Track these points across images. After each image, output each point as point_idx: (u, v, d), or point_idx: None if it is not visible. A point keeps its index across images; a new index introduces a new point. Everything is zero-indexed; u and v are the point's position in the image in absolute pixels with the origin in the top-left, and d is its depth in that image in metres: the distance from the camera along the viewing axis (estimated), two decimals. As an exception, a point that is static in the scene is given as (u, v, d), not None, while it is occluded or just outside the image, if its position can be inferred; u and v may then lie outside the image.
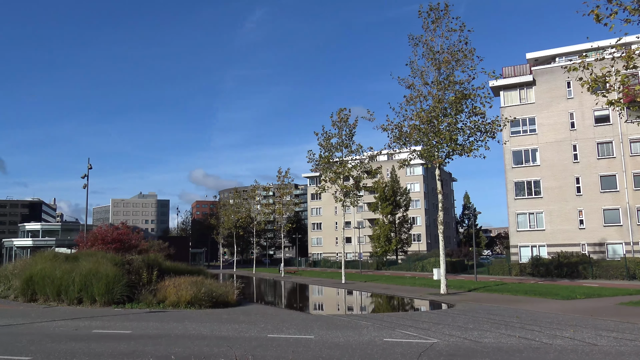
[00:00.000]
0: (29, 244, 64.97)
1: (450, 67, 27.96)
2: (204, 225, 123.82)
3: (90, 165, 38.21)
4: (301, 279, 50.11)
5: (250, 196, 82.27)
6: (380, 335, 13.51)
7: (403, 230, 76.48)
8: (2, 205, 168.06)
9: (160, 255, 30.59)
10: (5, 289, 24.30)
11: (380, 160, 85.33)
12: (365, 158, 42.87)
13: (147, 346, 11.78)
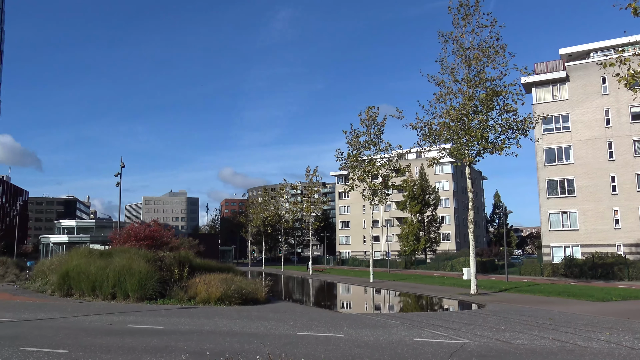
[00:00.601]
0: (65, 240, 66.75)
1: (481, 64, 27.54)
2: (232, 223, 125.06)
3: (123, 163, 39.01)
4: (329, 277, 50.16)
5: (278, 194, 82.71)
6: (410, 334, 13.43)
7: (432, 229, 75.76)
8: (39, 203, 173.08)
9: (191, 252, 31.03)
10: (43, 283, 25.05)
11: (408, 159, 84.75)
12: (393, 156, 42.64)
13: (179, 342, 11.97)
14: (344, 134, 40.64)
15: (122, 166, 39.10)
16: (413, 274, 54.30)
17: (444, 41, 28.62)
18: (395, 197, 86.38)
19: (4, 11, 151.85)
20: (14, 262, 39.37)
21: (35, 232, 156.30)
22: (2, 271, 34.87)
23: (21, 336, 12.68)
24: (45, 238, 72.74)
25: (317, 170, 59.42)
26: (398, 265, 71.19)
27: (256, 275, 54.52)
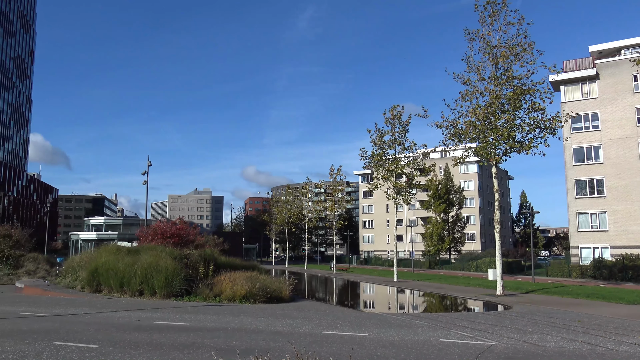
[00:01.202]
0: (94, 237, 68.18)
1: (508, 62, 27.15)
2: (256, 222, 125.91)
3: (150, 162, 39.62)
4: (353, 277, 50.11)
5: (302, 193, 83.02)
6: (435, 335, 13.34)
7: (456, 229, 75.05)
8: (68, 200, 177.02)
9: (216, 250, 31.38)
10: (73, 279, 25.62)
11: (433, 158, 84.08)
12: (418, 155, 42.35)
13: (205, 338, 12.12)
14: (368, 132, 40.59)
15: (149, 165, 39.72)
16: (437, 274, 53.88)
17: (471, 39, 28.31)
18: (420, 196, 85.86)
19: (35, 13, 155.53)
20: (44, 258, 40.29)
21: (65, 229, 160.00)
22: (34, 267, 35.75)
23: (53, 331, 13.01)
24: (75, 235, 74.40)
25: (340, 169, 59.31)
26: (422, 265, 70.71)
27: (280, 273, 54.78)
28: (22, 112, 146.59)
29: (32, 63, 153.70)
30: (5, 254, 36.33)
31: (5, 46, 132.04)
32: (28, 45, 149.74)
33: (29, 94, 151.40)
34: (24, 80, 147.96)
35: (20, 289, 25.88)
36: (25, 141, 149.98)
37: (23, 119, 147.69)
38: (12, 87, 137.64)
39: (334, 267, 61.69)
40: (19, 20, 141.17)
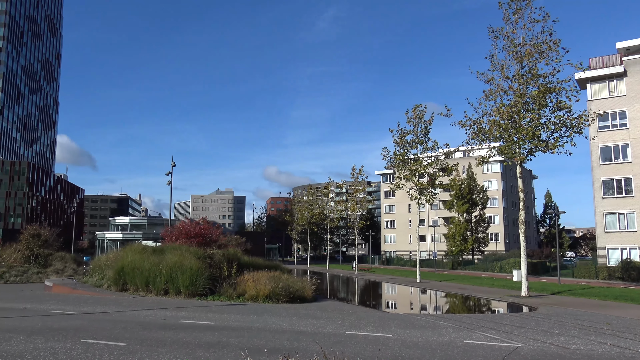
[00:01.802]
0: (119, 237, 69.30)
1: (533, 60, 26.77)
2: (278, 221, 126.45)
3: (173, 163, 40.11)
4: (375, 277, 49.98)
5: (323, 193, 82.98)
6: (460, 336, 13.24)
7: (480, 229, 74.25)
8: (94, 200, 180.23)
9: (239, 250, 31.60)
10: (100, 278, 26.08)
11: (456, 157, 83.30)
12: (440, 155, 42.04)
13: (230, 337, 12.24)
14: (390, 132, 40.44)
15: (172, 165, 40.22)
16: (460, 274, 53.38)
17: (494, 37, 28.01)
18: (442, 196, 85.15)
19: (62, 17, 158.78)
20: (71, 257, 41.13)
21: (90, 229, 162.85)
22: (62, 266, 36.54)
23: (82, 328, 13.28)
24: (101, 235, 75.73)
25: (362, 169, 59.16)
26: (445, 266, 70.13)
27: (302, 273, 54.93)
28: (49, 114, 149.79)
29: (59, 66, 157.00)
30: (34, 253, 37.19)
31: (34, 50, 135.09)
32: (55, 49, 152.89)
33: (56, 96, 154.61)
34: (51, 83, 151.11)
35: (50, 287, 26.46)
36: (52, 142, 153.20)
37: (50, 121, 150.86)
38: (40, 89, 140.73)
39: (355, 267, 61.60)
40: (46, 24, 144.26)
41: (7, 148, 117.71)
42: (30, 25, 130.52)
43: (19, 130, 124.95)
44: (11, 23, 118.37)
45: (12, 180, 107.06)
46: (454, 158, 79.31)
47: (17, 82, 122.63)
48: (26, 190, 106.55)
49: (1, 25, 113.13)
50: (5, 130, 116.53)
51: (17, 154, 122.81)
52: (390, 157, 40.78)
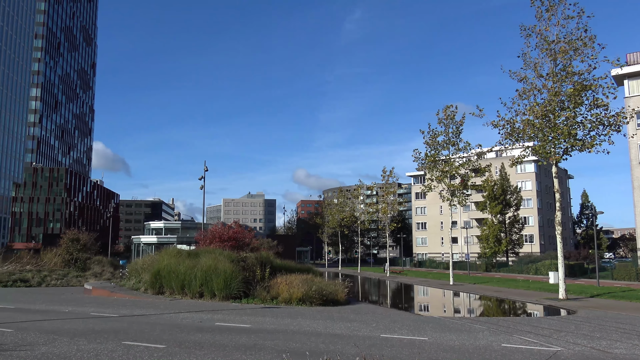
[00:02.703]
0: (154, 240, 70.63)
1: (568, 57, 26.20)
2: (309, 224, 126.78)
3: (206, 167, 40.74)
4: (407, 279, 49.60)
5: (354, 195, 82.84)
6: (497, 340, 13.04)
7: (514, 231, 72.90)
8: (129, 205, 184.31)
9: (271, 253, 31.81)
10: (137, 282, 26.65)
11: (488, 158, 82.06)
12: (472, 155, 41.49)
13: (266, 340, 12.35)
14: (421, 133, 40.11)
15: (205, 170, 40.83)
16: (495, 277, 52.49)
17: (527, 35, 27.53)
18: (475, 197, 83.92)
19: (96, 27, 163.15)
20: (108, 261, 42.16)
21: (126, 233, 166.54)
22: (100, 269, 37.48)
23: (122, 331, 13.61)
24: (137, 238, 77.33)
25: (393, 171, 58.83)
26: (478, 268, 69.09)
27: (333, 276, 54.94)
28: (85, 121, 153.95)
29: (94, 74, 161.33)
30: (73, 257, 38.29)
31: (70, 60, 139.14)
32: (90, 58, 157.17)
33: (91, 104, 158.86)
34: (87, 91, 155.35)
35: (89, 290, 27.16)
36: (88, 149, 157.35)
37: (86, 128, 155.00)
38: (76, 98, 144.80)
39: (387, 270, 61.26)
40: (81, 34, 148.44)
41: (46, 155, 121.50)
42: (66, 36, 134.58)
43: (57, 138, 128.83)
44: (49, 34, 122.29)
45: (51, 187, 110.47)
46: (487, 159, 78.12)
47: (54, 92, 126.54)
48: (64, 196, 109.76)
49: (39, 37, 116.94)
50: (44, 138, 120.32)
51: (56, 161, 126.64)
52: (421, 158, 40.44)
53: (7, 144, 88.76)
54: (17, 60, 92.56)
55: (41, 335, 12.56)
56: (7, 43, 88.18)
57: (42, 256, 40.18)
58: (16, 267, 35.21)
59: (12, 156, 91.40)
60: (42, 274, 33.57)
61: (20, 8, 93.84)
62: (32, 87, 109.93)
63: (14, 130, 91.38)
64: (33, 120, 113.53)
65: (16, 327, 14.04)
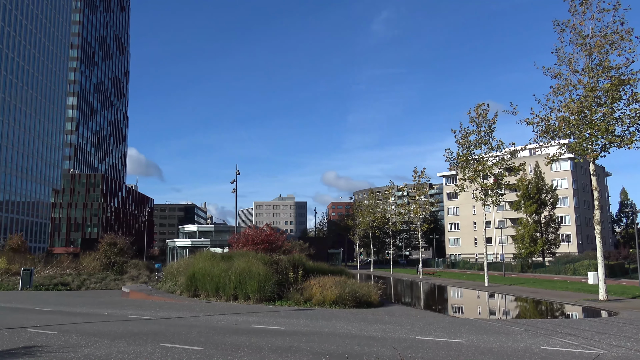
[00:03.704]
0: (188, 244, 71.79)
1: (604, 52, 25.50)
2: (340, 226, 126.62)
3: (238, 171, 41.16)
4: (440, 281, 49.04)
5: (385, 197, 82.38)
6: (536, 342, 12.76)
7: (550, 230, 71.21)
8: (162, 209, 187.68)
9: (303, 255, 31.92)
10: (172, 284, 27.11)
11: (522, 156, 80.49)
12: (506, 154, 40.76)
13: (301, 342, 12.40)
14: (452, 133, 39.63)
15: (237, 174, 41.26)
16: (531, 277, 51.40)
17: (560, 30, 26.94)
18: (509, 196, 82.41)
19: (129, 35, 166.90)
20: (144, 265, 43.06)
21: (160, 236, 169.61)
22: (136, 273, 38.30)
23: (160, 333, 13.87)
24: (171, 242, 78.73)
25: (424, 172, 58.23)
26: (513, 269, 67.77)
27: (365, 278, 54.77)
28: (120, 128, 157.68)
29: (127, 82, 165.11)
30: (111, 260, 39.24)
31: (104, 68, 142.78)
32: (123, 66, 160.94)
33: (125, 111, 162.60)
34: (121, 99, 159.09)
35: (127, 293, 27.76)
36: (123, 155, 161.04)
37: (121, 135, 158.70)
38: (110, 105, 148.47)
39: (420, 271, 60.69)
40: (114, 43, 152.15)
41: (83, 162, 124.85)
42: (100, 45, 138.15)
43: (93, 145, 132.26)
44: (84, 44, 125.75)
45: (88, 192, 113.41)
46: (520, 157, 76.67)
47: (90, 100, 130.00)
48: (101, 202, 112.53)
49: (75, 47, 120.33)
50: (81, 145, 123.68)
51: (92, 167, 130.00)
52: (453, 158, 39.94)
53: (46, 152, 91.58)
54: (54, 70, 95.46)
55: (83, 338, 12.91)
56: (44, 54, 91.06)
57: (81, 260, 41.33)
58: (57, 271, 36.30)
59: (51, 163, 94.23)
60: (82, 278, 34.49)
61: (57, 20, 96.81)
62: (69, 96, 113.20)
63: (52, 138, 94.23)
64: (70, 128, 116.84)
65: (59, 329, 14.46)
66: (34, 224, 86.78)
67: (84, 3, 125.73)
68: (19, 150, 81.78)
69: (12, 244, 45.12)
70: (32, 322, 16.02)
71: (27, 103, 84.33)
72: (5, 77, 77.47)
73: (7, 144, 77.90)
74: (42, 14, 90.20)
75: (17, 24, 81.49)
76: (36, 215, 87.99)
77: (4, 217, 73.47)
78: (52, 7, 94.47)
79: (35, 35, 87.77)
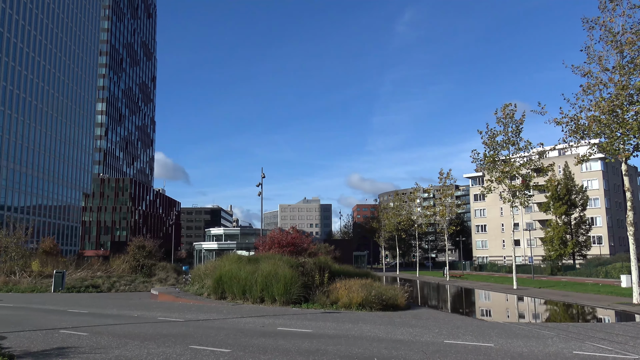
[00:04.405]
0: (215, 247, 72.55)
1: (636, 49, 24.88)
2: (365, 228, 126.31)
3: (263, 174, 41.43)
4: (468, 283, 48.45)
5: (410, 199, 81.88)
6: (568, 347, 12.49)
7: (580, 232, 69.66)
8: (189, 212, 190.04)
9: (328, 257, 31.94)
10: (200, 287, 27.42)
11: (551, 157, 79.09)
12: (534, 155, 40.10)
13: (328, 345, 12.39)
14: (479, 134, 39.20)
15: (262, 177, 41.55)
16: (561, 280, 50.37)
17: (590, 28, 26.39)
18: (537, 198, 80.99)
19: (155, 41, 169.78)
20: (172, 267, 43.65)
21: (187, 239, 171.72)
22: (164, 275, 38.84)
23: (188, 335, 14.03)
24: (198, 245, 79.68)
25: (450, 173, 57.68)
26: (542, 272, 66.52)
27: (391, 280, 54.45)
28: (147, 133, 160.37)
29: (154, 87, 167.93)
30: (140, 263, 39.90)
31: (132, 74, 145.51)
32: (150, 72, 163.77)
33: (152, 116, 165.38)
34: (148, 104, 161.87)
35: (155, 295, 28.20)
36: (150, 159, 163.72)
37: (148, 139, 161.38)
38: (138, 110, 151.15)
39: (447, 274, 60.09)
40: (142, 49, 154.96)
41: (111, 166, 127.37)
42: (128, 51, 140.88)
43: (122, 150, 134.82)
44: (112, 51, 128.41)
45: (117, 196, 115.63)
46: (549, 157, 75.41)
47: (118, 105, 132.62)
48: (129, 205, 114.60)
49: (103, 54, 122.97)
50: (110, 150, 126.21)
51: (121, 172, 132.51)
52: (479, 159, 39.50)
53: (76, 157, 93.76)
54: (84, 76, 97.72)
55: (114, 339, 13.15)
56: (74, 61, 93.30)
57: (110, 263, 42.15)
58: (88, 274, 37.07)
59: (82, 168, 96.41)
60: (112, 280, 35.14)
61: (86, 28, 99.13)
62: (98, 102, 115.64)
63: (82, 143, 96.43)
64: (99, 134, 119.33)
65: (90, 330, 14.76)
66: (65, 228, 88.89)
67: (112, 11, 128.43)
68: (51, 156, 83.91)
69: (44, 247, 46.26)
70: (64, 323, 16.38)
71: (58, 109, 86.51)
72: (37, 84, 79.63)
73: (39, 149, 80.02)
74: (72, 23, 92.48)
75: (49, 32, 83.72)
76: (67, 218, 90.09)
77: (37, 221, 75.45)
78: (81, 16, 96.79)
79: (66, 43, 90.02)
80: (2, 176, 70.43)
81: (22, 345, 12.05)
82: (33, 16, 78.88)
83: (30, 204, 77.40)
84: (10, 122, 72.25)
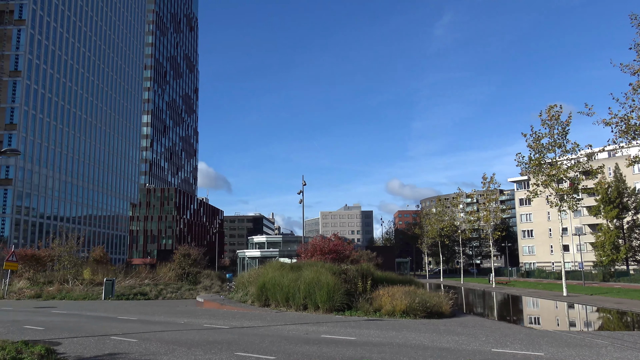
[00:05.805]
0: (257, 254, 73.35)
1: (689, 44, 23.81)
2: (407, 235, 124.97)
3: (304, 181, 41.68)
4: (514, 290, 47.17)
5: (453, 204, 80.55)
6: (623, 357, 11.99)
7: (634, 236, 66.84)
8: (232, 221, 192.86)
9: (371, 264, 31.74)
10: (244, 294, 27.74)
11: (600, 159, 76.32)
12: (582, 157, 38.79)
13: (372, 353, 12.30)
14: (523, 137, 38.26)
15: (303, 184, 41.80)
16: (614, 287, 48.37)
17: (638, 25, 25.42)
18: (586, 201, 78.23)
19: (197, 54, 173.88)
20: (216, 275, 44.34)
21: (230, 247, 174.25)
22: (209, 283, 39.49)
23: (233, 342, 14.21)
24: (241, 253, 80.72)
25: (494, 177, 56.40)
26: (594, 278, 64.07)
27: (435, 287, 53.60)
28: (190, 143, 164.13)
29: (197, 99, 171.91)
30: (185, 271, 40.72)
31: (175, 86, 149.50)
32: (193, 83, 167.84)
33: (195, 127, 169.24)
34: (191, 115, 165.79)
35: (201, 303, 28.69)
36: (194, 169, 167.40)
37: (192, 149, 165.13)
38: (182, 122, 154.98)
39: (492, 281, 58.71)
40: (184, 62, 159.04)
41: (157, 177, 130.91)
42: (171, 64, 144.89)
43: (166, 160, 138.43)
44: (156, 65, 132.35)
45: (163, 206, 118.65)
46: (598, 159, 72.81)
47: (163, 117, 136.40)
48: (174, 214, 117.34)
49: (148, 68, 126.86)
50: (155, 160, 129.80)
51: (166, 182, 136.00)
52: (524, 162, 38.52)
53: (124, 168, 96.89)
54: (130, 90, 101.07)
55: (162, 346, 13.46)
56: (121, 75, 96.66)
57: (157, 271, 43.19)
58: (136, 282, 38.10)
59: (129, 179, 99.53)
60: (159, 288, 35.98)
61: (131, 43, 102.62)
62: (144, 114, 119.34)
63: (129, 155, 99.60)
64: (145, 145, 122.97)
65: (139, 337, 15.16)
66: (114, 237, 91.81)
67: (155, 26, 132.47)
68: (100, 167, 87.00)
69: (95, 256, 47.86)
70: (115, 330, 16.89)
71: (106, 122, 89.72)
72: (86, 99, 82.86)
73: (89, 161, 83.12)
74: (118, 39, 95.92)
75: (96, 48, 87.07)
76: (116, 228, 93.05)
77: (87, 231, 78.27)
78: (127, 32, 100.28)
79: (112, 58, 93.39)
80: (55, 188, 73.50)
81: (76, 351, 12.49)
82: (82, 34, 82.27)
83: (81, 215, 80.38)
84: (61, 135, 75.41)
